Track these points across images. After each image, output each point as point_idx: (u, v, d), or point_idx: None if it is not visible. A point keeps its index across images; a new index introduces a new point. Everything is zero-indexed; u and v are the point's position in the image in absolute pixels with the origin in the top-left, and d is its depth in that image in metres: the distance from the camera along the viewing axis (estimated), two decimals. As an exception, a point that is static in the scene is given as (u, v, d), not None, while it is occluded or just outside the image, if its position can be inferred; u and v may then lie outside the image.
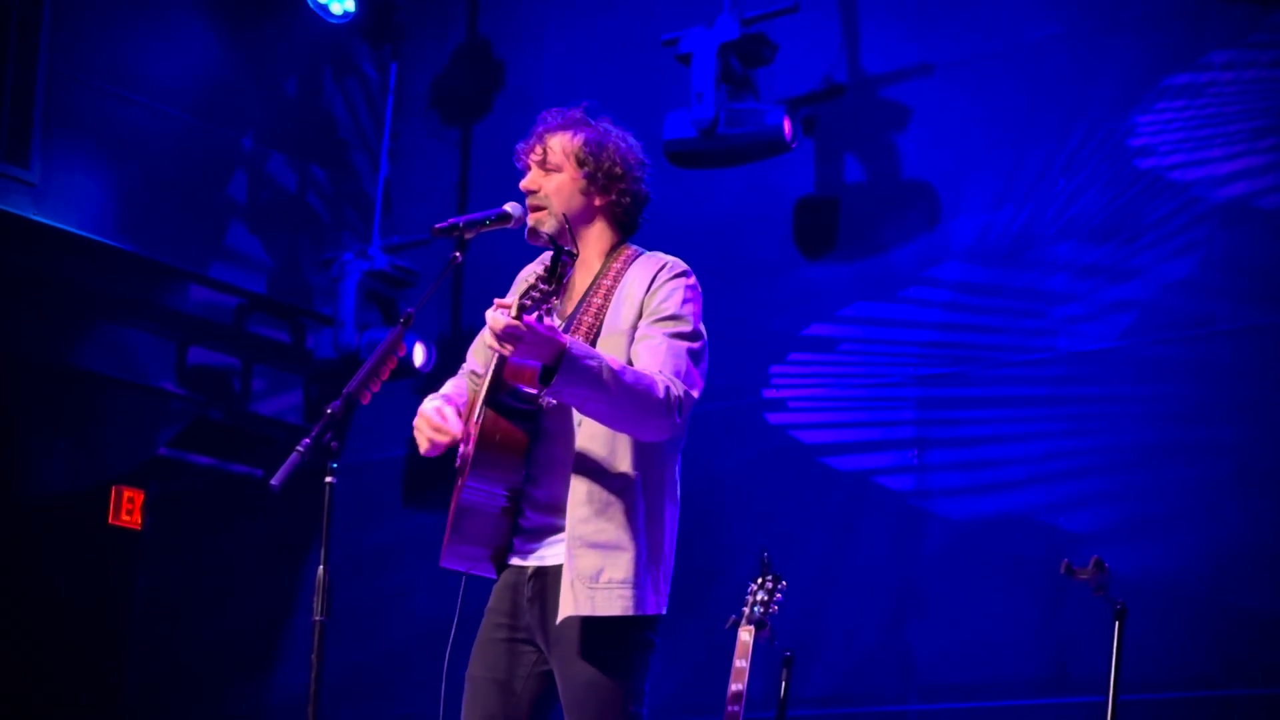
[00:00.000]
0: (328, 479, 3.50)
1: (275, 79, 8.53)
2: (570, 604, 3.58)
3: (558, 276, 3.34)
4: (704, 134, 6.68)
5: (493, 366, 3.64)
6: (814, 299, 7.02)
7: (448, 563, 3.80)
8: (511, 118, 8.20)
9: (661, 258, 3.85)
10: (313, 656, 3.45)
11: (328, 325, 8.12)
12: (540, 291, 3.35)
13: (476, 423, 3.68)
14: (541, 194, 3.85)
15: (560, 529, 3.67)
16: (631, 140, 3.94)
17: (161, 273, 7.94)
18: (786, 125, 6.64)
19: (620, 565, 3.60)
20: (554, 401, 3.60)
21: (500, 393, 3.64)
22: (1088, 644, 5.76)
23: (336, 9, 8.05)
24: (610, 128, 3.92)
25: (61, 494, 8.15)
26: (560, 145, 3.88)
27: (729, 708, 5.09)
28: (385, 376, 3.63)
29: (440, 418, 3.76)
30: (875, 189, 6.98)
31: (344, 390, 3.55)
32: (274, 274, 8.38)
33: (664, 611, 3.71)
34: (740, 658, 5.12)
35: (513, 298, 3.91)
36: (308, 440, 3.44)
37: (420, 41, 8.63)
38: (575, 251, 3.37)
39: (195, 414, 8.28)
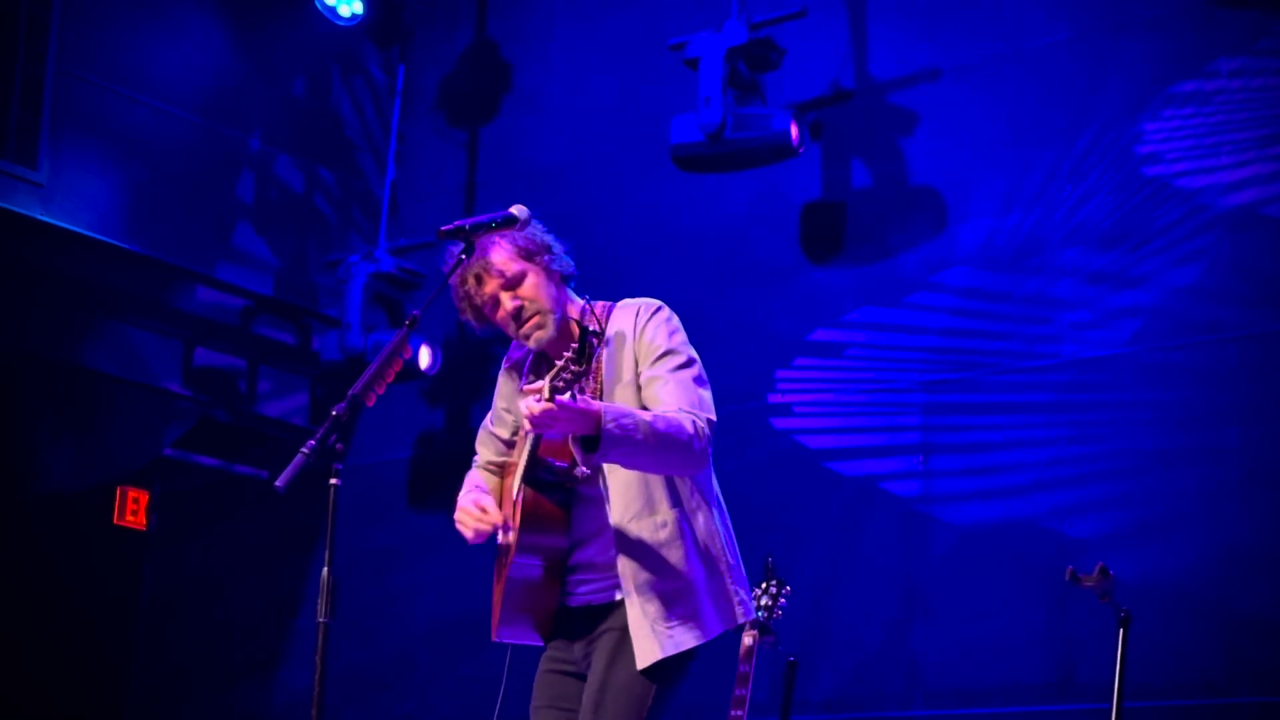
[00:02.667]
0: (332, 480, 3.52)
1: (283, 80, 8.54)
2: (654, 649, 3.72)
3: (588, 357, 3.43)
4: (711, 138, 6.69)
5: (528, 448, 3.77)
6: (820, 304, 7.02)
7: (500, 638, 3.95)
8: (519, 120, 8.21)
9: (635, 302, 3.94)
10: (317, 657, 3.47)
11: (334, 327, 8.12)
12: (572, 373, 3.43)
13: (516, 503, 3.82)
14: (528, 306, 3.85)
15: (610, 576, 3.81)
16: (529, 215, 3.91)
17: (168, 273, 7.95)
18: (793, 130, 6.64)
19: (683, 601, 3.76)
20: (588, 471, 3.75)
21: (537, 470, 3.79)
22: (1093, 650, 5.76)
23: (345, 11, 8.06)
24: (495, 215, 3.86)
25: (66, 493, 8.16)
26: (502, 258, 3.85)
27: (732, 712, 5.08)
28: (391, 379, 3.66)
29: (480, 509, 3.87)
30: (882, 194, 6.98)
31: (349, 392, 3.57)
32: (280, 275, 8.39)
33: (751, 616, 3.96)
34: (744, 662, 5.12)
35: (504, 388, 4.05)
36: (313, 442, 3.46)
37: (428, 43, 8.64)
38: (602, 330, 3.45)
39: (201, 415, 8.29)
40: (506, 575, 3.82)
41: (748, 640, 5.16)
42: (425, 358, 7.89)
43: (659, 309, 3.91)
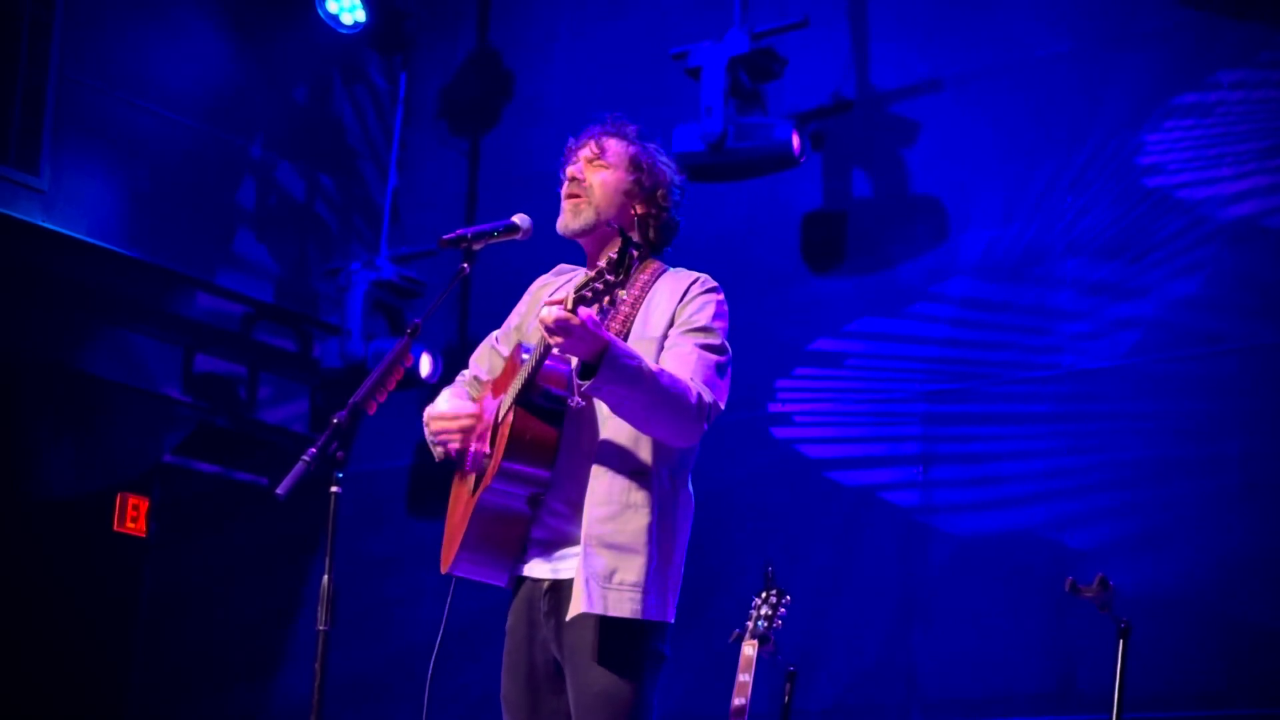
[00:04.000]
0: (333, 488, 3.51)
1: (285, 87, 8.54)
2: (582, 601, 3.58)
3: (625, 267, 3.29)
4: (712, 148, 6.69)
5: (530, 367, 3.64)
6: (821, 314, 7.02)
7: (458, 570, 3.79)
8: (520, 128, 8.22)
9: (693, 272, 3.88)
10: (316, 665, 3.46)
11: (334, 334, 8.13)
12: (604, 283, 3.31)
13: (502, 425, 3.67)
14: (585, 184, 3.86)
15: (577, 540, 3.67)
16: (675, 166, 3.99)
17: (169, 279, 7.95)
18: (795, 140, 6.65)
19: (632, 568, 3.61)
20: (583, 403, 3.60)
21: (532, 394, 3.64)
22: (1092, 660, 5.76)
23: (347, 20, 8.07)
24: (659, 149, 3.96)
25: (66, 499, 8.15)
26: (616, 147, 3.90)
27: (731, 721, 5.08)
28: (392, 387, 3.64)
29: (452, 409, 3.79)
30: (883, 204, 6.98)
31: (350, 400, 3.55)
32: (281, 282, 8.39)
33: (671, 620, 3.72)
34: (743, 672, 5.11)
35: (524, 306, 3.95)
36: (314, 450, 3.44)
37: (430, 51, 8.64)
38: (640, 242, 3.35)
39: (201, 421, 8.29)
40: (479, 499, 3.65)
41: (747, 650, 5.15)
42: (426, 366, 7.89)
43: (714, 289, 3.84)
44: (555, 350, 3.54)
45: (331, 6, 8.01)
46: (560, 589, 3.70)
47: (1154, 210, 6.26)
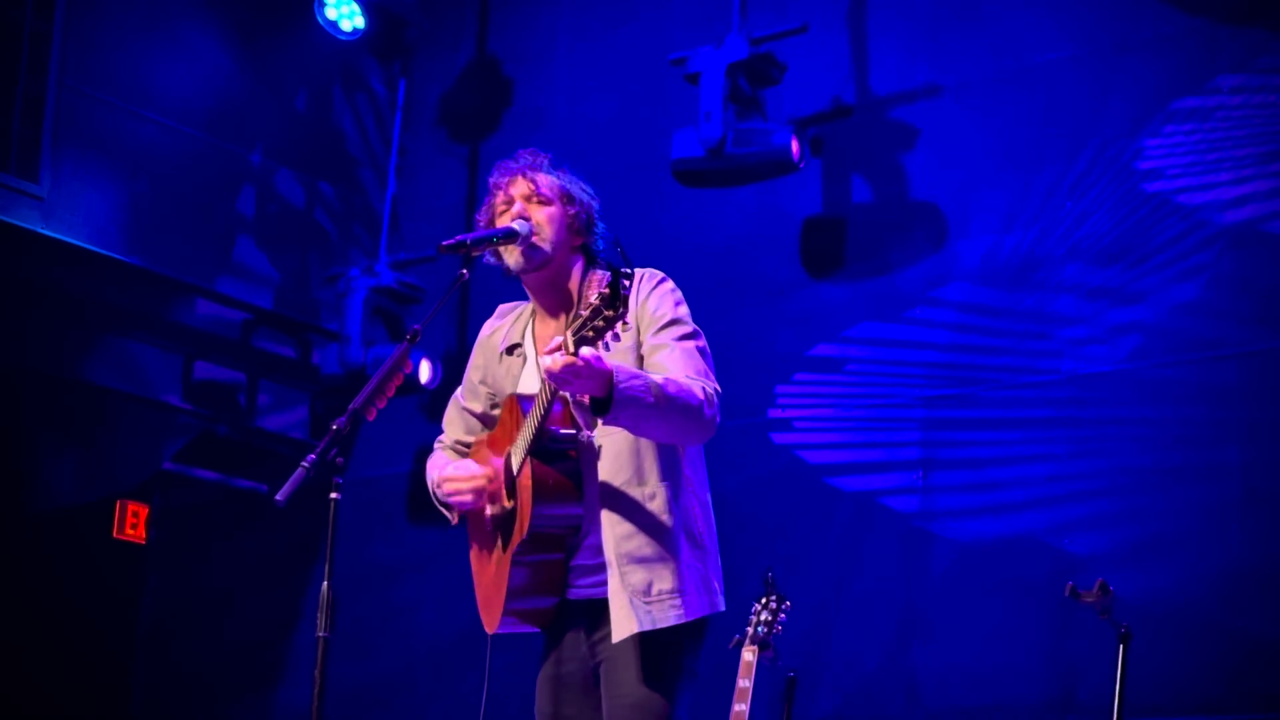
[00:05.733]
0: (333, 495, 3.51)
1: (285, 95, 8.55)
2: (630, 622, 3.64)
3: (623, 299, 3.30)
4: (711, 153, 6.69)
5: (539, 416, 3.65)
6: (820, 319, 7.02)
7: (504, 628, 3.83)
8: (520, 135, 8.21)
9: (636, 272, 3.86)
10: (316, 672, 3.46)
11: (334, 341, 8.13)
12: (605, 319, 3.32)
13: (521, 479, 3.70)
14: (534, 222, 3.89)
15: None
16: (591, 190, 4.03)
17: (169, 287, 7.95)
18: (794, 145, 6.65)
19: (666, 575, 3.68)
20: (592, 434, 3.66)
21: (543, 441, 3.67)
22: (1093, 667, 5.76)
23: (346, 26, 8.07)
24: (572, 176, 4.02)
25: (67, 507, 8.16)
26: (545, 181, 3.95)
27: (732, 728, 5.08)
28: (391, 393, 3.66)
29: (464, 470, 3.83)
30: (883, 209, 6.98)
31: (350, 406, 3.57)
32: (281, 289, 8.39)
33: (722, 608, 3.79)
34: (743, 678, 5.12)
35: (480, 359, 3.95)
36: (313, 456, 3.46)
37: (430, 58, 8.65)
38: (630, 271, 3.37)
39: (201, 428, 8.29)
40: (514, 553, 3.69)
41: (747, 655, 5.15)
42: (425, 372, 7.89)
43: (663, 279, 3.87)
44: (564, 395, 3.57)
45: (330, 13, 8.02)
46: (596, 606, 3.76)
47: (1153, 215, 6.26)
